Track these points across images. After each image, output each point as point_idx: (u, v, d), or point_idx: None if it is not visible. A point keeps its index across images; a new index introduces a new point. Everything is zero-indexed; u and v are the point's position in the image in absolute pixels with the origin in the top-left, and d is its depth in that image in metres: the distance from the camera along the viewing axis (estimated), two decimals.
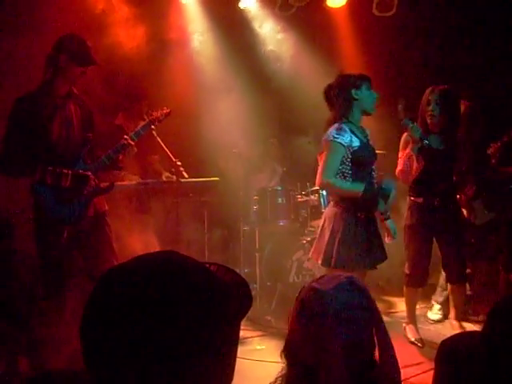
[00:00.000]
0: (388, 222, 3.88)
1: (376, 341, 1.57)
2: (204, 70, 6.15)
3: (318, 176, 3.77)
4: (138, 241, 4.22)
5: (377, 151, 5.51)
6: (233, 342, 1.01)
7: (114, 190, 3.94)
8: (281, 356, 1.63)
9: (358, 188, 3.70)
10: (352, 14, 6.50)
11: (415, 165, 4.18)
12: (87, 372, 0.92)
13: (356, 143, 3.74)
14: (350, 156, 3.72)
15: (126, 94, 5.29)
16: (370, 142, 3.95)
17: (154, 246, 4.62)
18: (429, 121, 4.28)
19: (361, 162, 3.76)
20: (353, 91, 3.80)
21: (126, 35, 4.74)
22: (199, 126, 5.52)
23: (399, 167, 4.26)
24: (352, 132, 3.76)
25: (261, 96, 6.52)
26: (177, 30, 5.96)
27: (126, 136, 3.90)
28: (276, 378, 1.63)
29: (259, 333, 4.81)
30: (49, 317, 3.57)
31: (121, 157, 3.90)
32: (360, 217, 3.77)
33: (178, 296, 0.91)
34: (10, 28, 4.57)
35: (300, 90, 6.27)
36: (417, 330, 4.56)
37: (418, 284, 4.52)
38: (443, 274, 4.88)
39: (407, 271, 4.48)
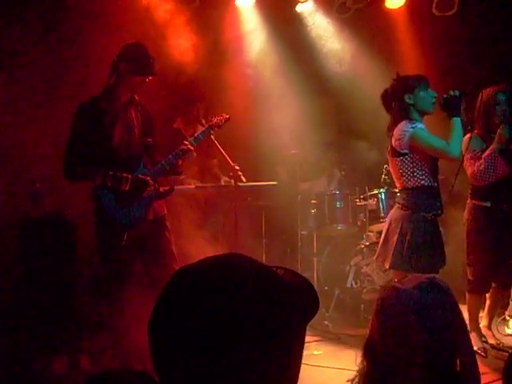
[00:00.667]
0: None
1: (456, 344, 1.54)
2: (261, 75, 6.16)
3: (443, 155, 3.72)
4: (195, 245, 4.26)
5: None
6: (298, 345, 1.00)
7: (172, 194, 4.00)
8: (361, 355, 1.63)
9: (457, 122, 3.69)
10: (411, 14, 6.38)
11: (502, 167, 4.05)
12: (154, 370, 0.94)
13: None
14: None
15: (183, 97, 5.37)
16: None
17: (211, 251, 4.66)
18: (497, 121, 4.13)
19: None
20: (406, 97, 3.74)
21: (185, 41, 4.81)
22: (257, 130, 5.54)
23: (479, 167, 4.09)
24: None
25: (319, 100, 6.49)
26: (234, 35, 6.01)
27: (185, 141, 3.96)
28: (354, 376, 1.62)
29: (316, 338, 4.78)
30: (109, 318, 3.65)
31: (180, 162, 3.96)
32: (427, 217, 3.71)
33: (243, 299, 0.91)
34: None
35: (359, 92, 6.20)
36: (480, 338, 4.39)
37: (483, 290, 4.38)
38: None
39: (471, 277, 4.33)
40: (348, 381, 1.64)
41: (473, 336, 4.34)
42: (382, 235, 3.94)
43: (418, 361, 1.46)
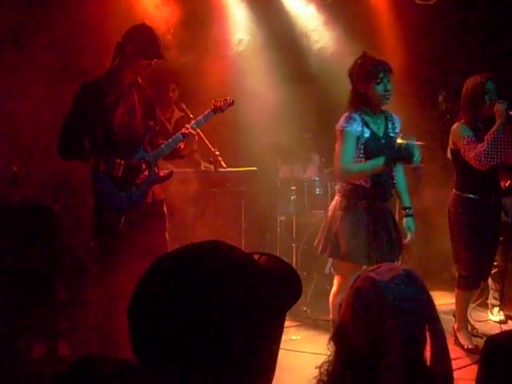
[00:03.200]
0: (407, 220, 3.79)
1: (429, 337, 1.55)
2: (242, 60, 6.13)
3: (334, 167, 3.67)
4: (174, 230, 4.25)
5: (417, 143, 5.45)
6: (278, 331, 1.01)
7: None
8: (329, 342, 1.63)
9: (378, 162, 3.55)
10: (393, 2, 6.39)
11: (507, 147, 3.91)
12: (133, 355, 0.94)
13: (366, 134, 3.62)
14: (362, 147, 3.62)
15: (155, 80, 5.30)
16: (392, 134, 3.74)
17: (190, 236, 4.67)
18: (487, 111, 4.04)
19: (373, 155, 3.61)
20: (359, 86, 3.65)
21: (161, 24, 4.76)
22: (237, 115, 5.52)
23: (482, 149, 3.93)
24: (364, 123, 3.64)
25: (299, 86, 6.49)
26: (216, 18, 5.96)
27: (187, 125, 3.94)
28: (323, 363, 1.63)
29: (295, 323, 4.82)
30: (89, 303, 3.64)
31: (182, 145, 3.94)
32: (358, 205, 3.65)
33: (222, 285, 0.92)
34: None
35: (339, 79, 6.20)
36: (470, 337, 4.30)
37: (474, 286, 4.31)
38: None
39: (464, 273, 4.24)
40: (317, 367, 1.65)
41: (463, 334, 4.28)
42: (323, 222, 3.92)
43: (396, 353, 1.47)
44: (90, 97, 3.64)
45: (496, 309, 4.94)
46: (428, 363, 1.55)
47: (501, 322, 4.82)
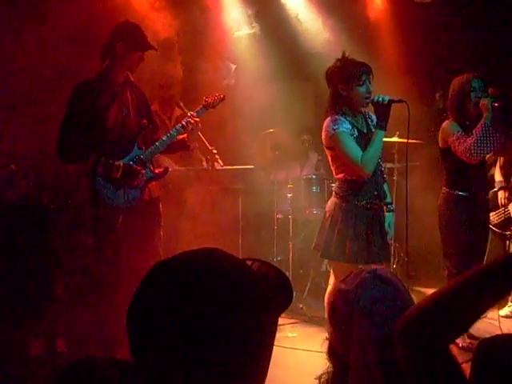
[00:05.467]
0: (387, 216, 3.81)
1: None
2: (240, 58, 6.14)
3: (354, 168, 3.62)
4: (171, 229, 4.27)
5: (414, 141, 5.46)
6: (270, 335, 1.04)
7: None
8: (326, 357, 1.65)
9: (378, 134, 3.58)
10: (390, 1, 6.40)
11: (497, 137, 3.90)
12: (132, 356, 0.98)
13: (355, 132, 3.65)
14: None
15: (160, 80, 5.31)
16: (373, 130, 3.74)
17: (187, 234, 4.68)
18: (472, 109, 4.08)
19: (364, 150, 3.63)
20: (340, 87, 3.63)
21: (162, 24, 4.76)
22: (234, 114, 5.53)
23: (471, 141, 3.92)
24: (349, 123, 3.65)
25: (296, 83, 6.50)
26: (213, 17, 5.96)
27: (190, 112, 3.97)
28: (322, 374, 1.64)
29: (291, 320, 4.84)
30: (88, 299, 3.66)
31: (186, 136, 3.97)
32: (359, 206, 3.67)
33: (218, 291, 0.95)
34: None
35: None
36: (464, 334, 4.15)
37: None
38: None
39: (454, 270, 4.21)
40: (316, 378, 1.66)
41: None
42: (320, 224, 3.92)
43: (370, 358, 1.47)
44: (84, 97, 3.65)
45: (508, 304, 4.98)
46: None
47: (506, 317, 4.87)
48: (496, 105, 3.94)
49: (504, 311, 4.95)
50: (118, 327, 3.50)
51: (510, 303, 5.01)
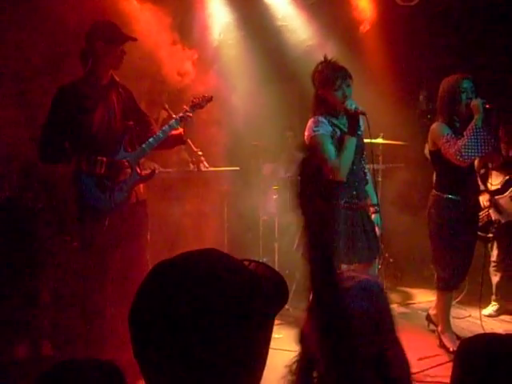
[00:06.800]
0: (375, 217, 3.85)
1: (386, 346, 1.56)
2: (223, 59, 6.14)
3: (328, 171, 3.60)
4: (157, 231, 4.26)
5: (398, 142, 5.50)
6: (267, 334, 1.07)
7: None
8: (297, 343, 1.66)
9: (350, 141, 3.62)
10: (374, 2, 6.44)
11: (487, 140, 3.86)
12: (136, 360, 0.99)
13: (337, 133, 3.69)
14: (336, 144, 3.67)
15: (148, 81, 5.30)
16: (359, 132, 3.79)
17: (173, 236, 4.67)
18: (464, 110, 4.03)
19: None
20: (320, 90, 3.72)
21: (150, 26, 4.75)
22: (219, 115, 5.53)
23: (462, 143, 3.87)
24: (332, 124, 3.70)
25: (280, 85, 6.51)
26: (195, 18, 5.96)
27: (184, 106, 3.96)
28: (292, 363, 1.65)
29: (277, 321, 4.80)
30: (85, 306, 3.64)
31: (182, 131, 3.94)
32: (338, 205, 3.69)
33: (218, 292, 0.97)
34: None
35: None
36: (454, 338, 4.21)
37: (454, 287, 4.28)
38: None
39: (442, 274, 4.22)
40: (286, 366, 1.68)
41: (447, 337, 4.22)
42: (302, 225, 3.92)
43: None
44: (68, 100, 3.63)
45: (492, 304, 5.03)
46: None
47: (490, 316, 4.92)
48: (487, 106, 3.92)
49: (487, 311, 5.00)
50: (104, 330, 3.50)
51: (493, 302, 5.06)
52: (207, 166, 4.79)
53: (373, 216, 3.88)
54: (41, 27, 4.32)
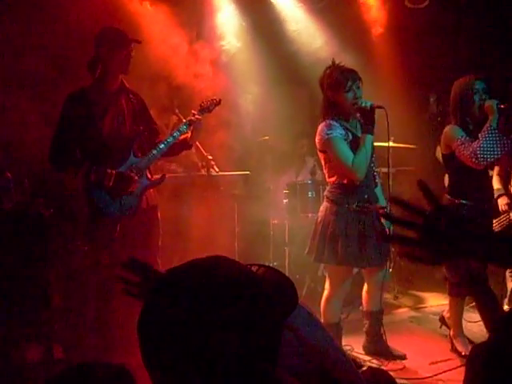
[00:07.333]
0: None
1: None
2: (233, 64, 6.15)
3: (346, 173, 3.68)
4: (167, 235, 4.26)
5: (408, 146, 5.48)
6: (276, 339, 1.06)
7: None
8: None
9: (367, 139, 3.64)
10: (384, 5, 6.44)
11: (503, 142, 3.73)
12: (144, 365, 1.00)
13: (350, 137, 3.70)
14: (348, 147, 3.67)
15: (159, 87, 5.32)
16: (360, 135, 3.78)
17: (184, 241, 4.68)
18: (477, 112, 3.90)
19: None
20: (330, 93, 3.72)
21: (160, 31, 4.78)
22: (230, 120, 5.54)
23: (478, 145, 3.75)
24: (344, 127, 3.70)
25: (293, 90, 6.52)
26: (207, 22, 5.98)
27: (193, 111, 3.95)
28: None
29: None
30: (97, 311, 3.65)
31: (190, 134, 3.91)
32: (350, 209, 3.71)
33: (228, 300, 0.98)
34: None
35: None
36: (466, 343, 4.14)
37: (467, 292, 4.17)
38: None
39: (454, 279, 4.11)
40: None
41: (459, 341, 4.15)
42: (313, 229, 3.93)
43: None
44: (77, 107, 3.65)
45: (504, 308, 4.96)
46: None
47: None
48: (502, 106, 3.80)
49: None
50: (116, 334, 3.50)
51: (505, 306, 5.02)
52: (217, 170, 4.80)
53: (382, 219, 3.86)
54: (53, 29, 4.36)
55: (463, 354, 4.04)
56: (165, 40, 4.80)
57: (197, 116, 3.92)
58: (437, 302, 5.35)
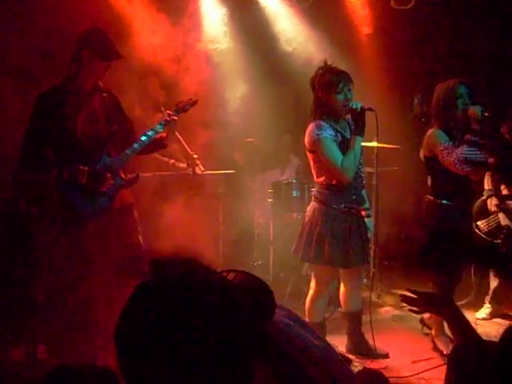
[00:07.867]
0: (368, 221, 3.86)
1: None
2: (219, 62, 6.14)
3: (334, 174, 3.71)
4: (151, 234, 4.26)
5: (393, 146, 5.51)
6: (254, 347, 1.06)
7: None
8: None
9: (359, 142, 3.69)
10: (369, 6, 6.47)
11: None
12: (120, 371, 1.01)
13: (339, 138, 3.73)
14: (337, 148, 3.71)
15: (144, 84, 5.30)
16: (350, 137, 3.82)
17: (168, 240, 4.67)
18: (460, 116, 3.93)
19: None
20: (320, 94, 3.74)
21: (145, 27, 4.76)
22: (215, 118, 5.54)
23: (462, 152, 3.78)
24: (333, 128, 3.73)
25: (277, 88, 6.52)
26: (193, 21, 5.96)
27: (168, 111, 3.95)
28: None
29: None
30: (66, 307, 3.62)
31: (164, 135, 3.90)
32: (337, 209, 3.74)
33: (202, 309, 0.98)
34: None
35: None
36: (448, 341, 4.14)
37: (454, 293, 4.18)
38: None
39: (438, 280, 4.15)
40: None
41: (440, 340, 4.19)
42: (300, 228, 3.95)
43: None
44: (48, 107, 3.59)
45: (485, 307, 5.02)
46: None
47: (483, 319, 4.90)
48: (486, 114, 3.81)
49: (480, 314, 5.00)
50: (100, 335, 3.49)
51: (486, 305, 5.07)
52: (203, 169, 4.80)
53: (366, 220, 3.90)
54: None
55: (444, 352, 4.07)
56: (152, 37, 4.78)
57: (172, 116, 3.90)
58: None
